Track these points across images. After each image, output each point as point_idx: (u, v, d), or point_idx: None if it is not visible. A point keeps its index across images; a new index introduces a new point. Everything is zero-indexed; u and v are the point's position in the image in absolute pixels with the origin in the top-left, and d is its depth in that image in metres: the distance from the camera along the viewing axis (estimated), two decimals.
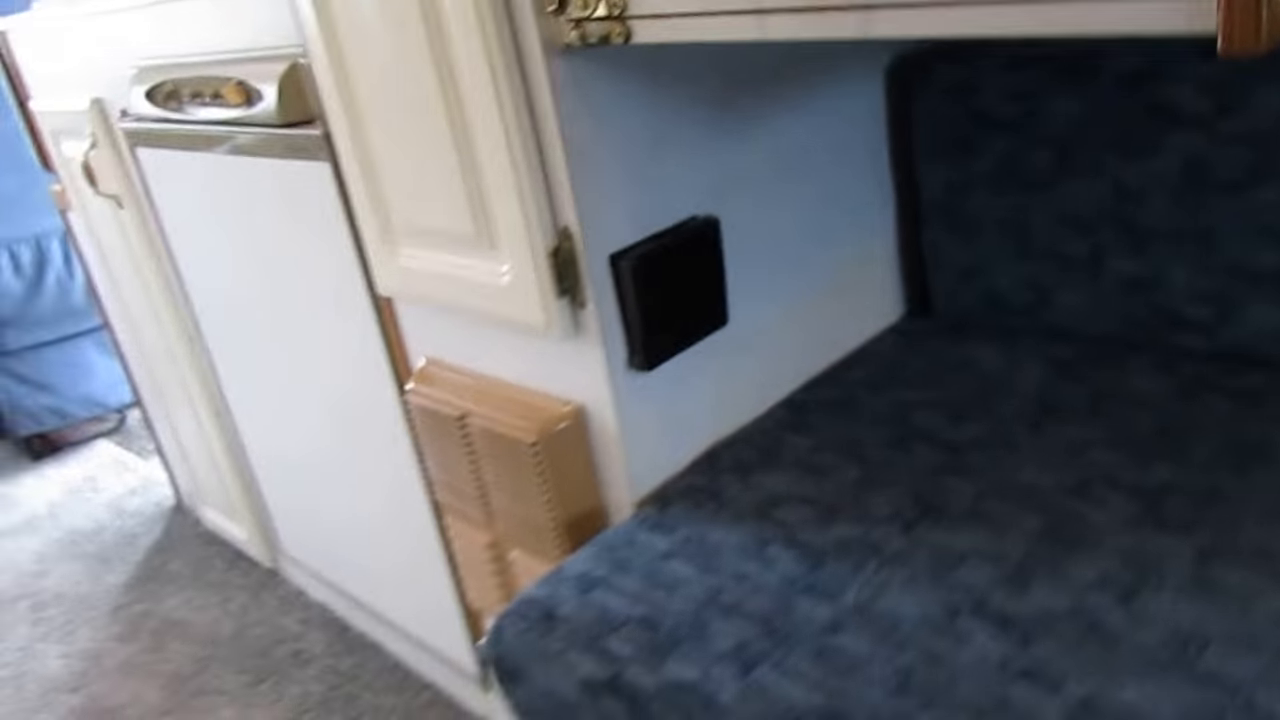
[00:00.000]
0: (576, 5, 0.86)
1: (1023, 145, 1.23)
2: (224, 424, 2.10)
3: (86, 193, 2.05)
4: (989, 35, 0.64)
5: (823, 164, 1.24)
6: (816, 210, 1.25)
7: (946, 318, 1.37)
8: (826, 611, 0.88)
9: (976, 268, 1.31)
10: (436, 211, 1.09)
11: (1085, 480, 0.99)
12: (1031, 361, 1.23)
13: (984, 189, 1.25)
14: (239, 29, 1.38)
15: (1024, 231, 1.25)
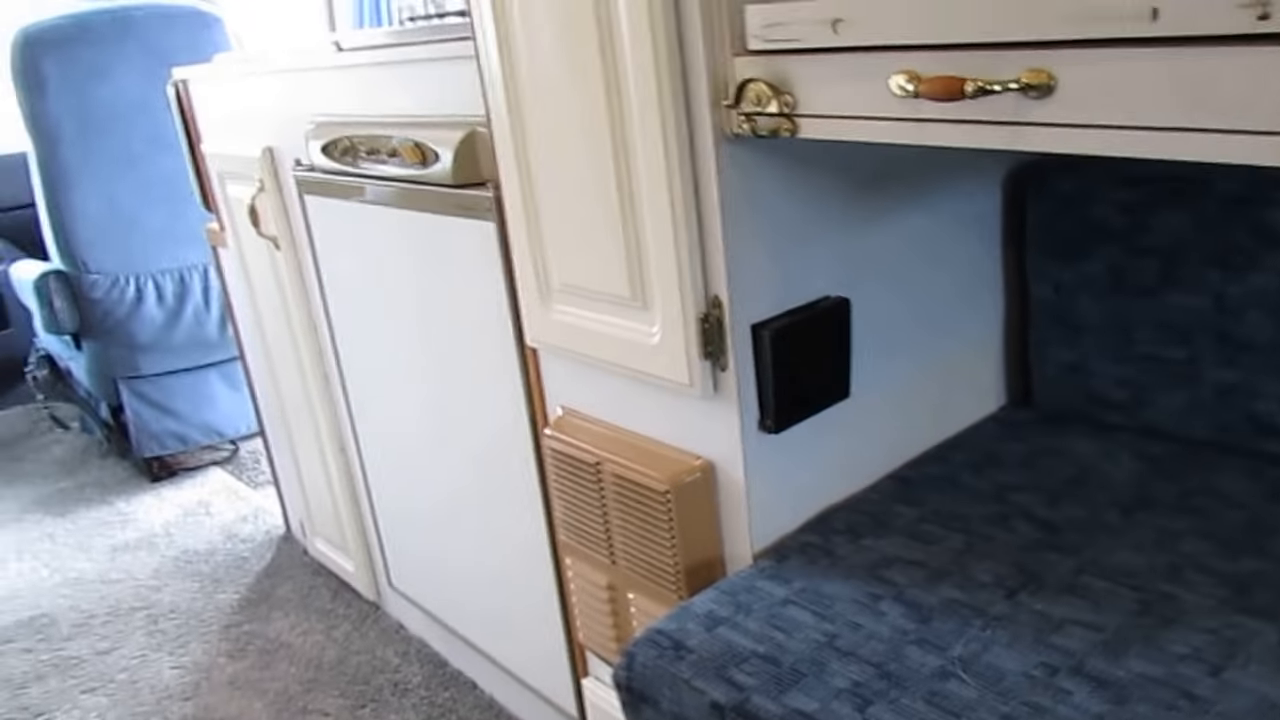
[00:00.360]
0: (750, 100, 0.99)
1: (1130, 254, 1.31)
2: (347, 460, 2.25)
3: (246, 233, 2.24)
4: (1118, 155, 0.75)
5: (942, 257, 1.35)
6: (933, 299, 1.35)
7: (1046, 409, 1.45)
8: (935, 661, 0.96)
9: (1079, 365, 1.39)
10: (595, 273, 1.22)
11: (1176, 565, 1.06)
12: (1126, 456, 1.30)
13: (1091, 292, 1.34)
14: (419, 96, 1.55)
15: (1126, 335, 1.34)
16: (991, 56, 0.79)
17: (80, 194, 3.00)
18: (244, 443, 3.49)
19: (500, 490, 1.68)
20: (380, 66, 1.64)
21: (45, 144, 2.96)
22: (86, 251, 3.05)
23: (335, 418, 2.22)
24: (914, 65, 0.84)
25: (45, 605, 2.66)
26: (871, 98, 0.89)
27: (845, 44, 0.89)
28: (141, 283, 3.12)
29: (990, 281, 1.44)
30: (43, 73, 2.89)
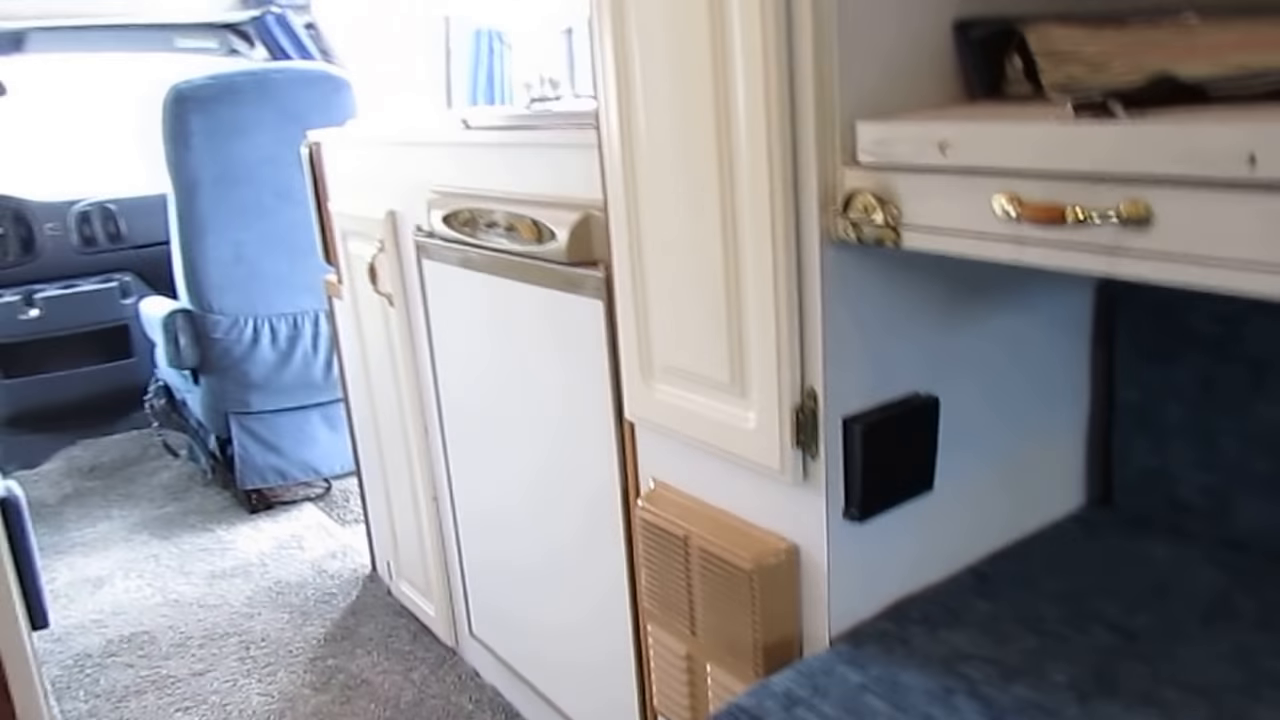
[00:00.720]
0: (857, 209, 1.04)
1: (1220, 362, 1.31)
2: (439, 508, 2.32)
3: (362, 287, 2.34)
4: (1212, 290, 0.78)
5: (1030, 356, 1.36)
6: (1019, 396, 1.36)
7: (1127, 512, 1.45)
8: None
9: (1162, 470, 1.39)
10: (697, 357, 1.27)
11: (1254, 681, 1.06)
12: (1207, 565, 1.30)
13: (1178, 398, 1.35)
14: (539, 176, 1.63)
15: (1212, 442, 1.33)
16: (1092, 187, 0.83)
17: (211, 239, 3.16)
18: (337, 481, 3.59)
19: (587, 553, 1.72)
20: (504, 147, 1.73)
21: (184, 192, 3.13)
22: (212, 293, 3.20)
23: (431, 467, 2.29)
24: (1017, 189, 0.88)
25: (147, 623, 2.77)
26: (974, 216, 0.93)
27: (951, 165, 0.93)
28: (259, 324, 3.26)
29: (1076, 381, 1.45)
30: (189, 127, 3.07)
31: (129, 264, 4.05)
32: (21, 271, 3.89)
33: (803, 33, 1.03)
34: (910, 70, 1.07)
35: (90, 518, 3.50)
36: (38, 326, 3.86)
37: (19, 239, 3.89)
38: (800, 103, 1.05)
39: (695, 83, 1.14)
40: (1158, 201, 0.79)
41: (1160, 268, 0.81)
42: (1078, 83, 0.92)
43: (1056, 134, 0.85)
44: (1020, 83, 1.02)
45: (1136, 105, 0.81)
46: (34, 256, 3.92)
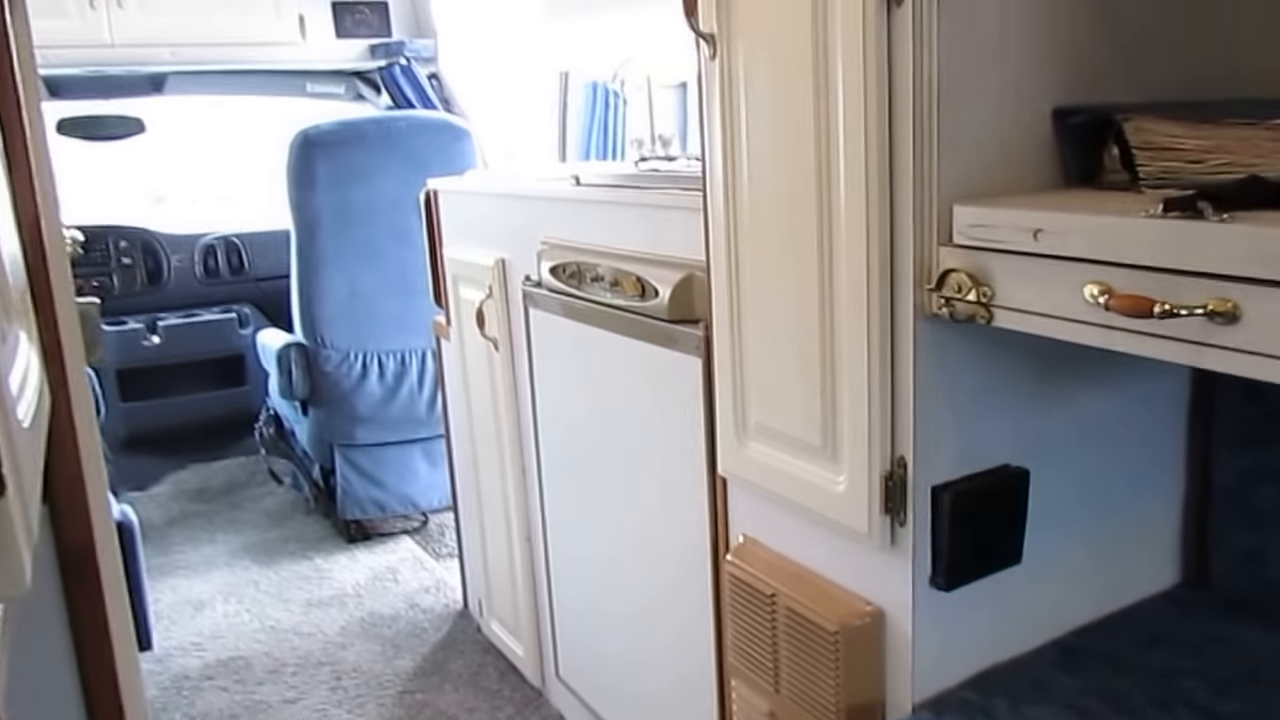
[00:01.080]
0: (951, 286, 1.08)
1: None
2: (532, 549, 2.39)
3: (469, 330, 2.44)
4: None
5: (1123, 433, 1.38)
6: (1112, 473, 1.38)
7: (1222, 593, 1.44)
8: None
9: (1259, 553, 1.38)
10: (790, 419, 1.32)
11: None
12: None
13: (1276, 482, 1.34)
14: (644, 234, 1.70)
15: None
16: (1180, 281, 0.86)
17: (329, 277, 3.33)
18: (434, 516, 3.70)
19: (675, 603, 1.77)
20: (612, 204, 1.81)
21: (306, 231, 3.31)
22: (326, 327, 3.36)
23: (526, 509, 2.37)
24: (1106, 278, 0.92)
25: (244, 648, 2.89)
26: (1064, 301, 0.97)
27: (1044, 251, 0.98)
28: (368, 360, 3.40)
29: (1171, 460, 1.45)
30: (315, 171, 3.24)
31: (248, 296, 4.26)
32: (147, 300, 4.12)
33: (903, 117, 1.08)
34: (1008, 155, 1.12)
35: (195, 541, 3.66)
36: (158, 353, 4.08)
37: (146, 269, 4.13)
38: (899, 183, 1.11)
39: (799, 156, 1.21)
40: (1245, 300, 0.83)
41: (1248, 363, 0.84)
42: (1174, 176, 0.95)
43: (1147, 229, 0.89)
44: (1116, 171, 1.06)
45: (1227, 205, 0.85)
46: (160, 286, 4.15)
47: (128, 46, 3.60)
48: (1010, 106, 1.11)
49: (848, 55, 1.12)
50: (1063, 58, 1.13)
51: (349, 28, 3.94)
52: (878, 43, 1.08)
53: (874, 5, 1.07)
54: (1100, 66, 1.15)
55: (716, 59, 1.32)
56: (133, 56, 3.66)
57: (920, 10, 1.05)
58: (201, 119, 4.69)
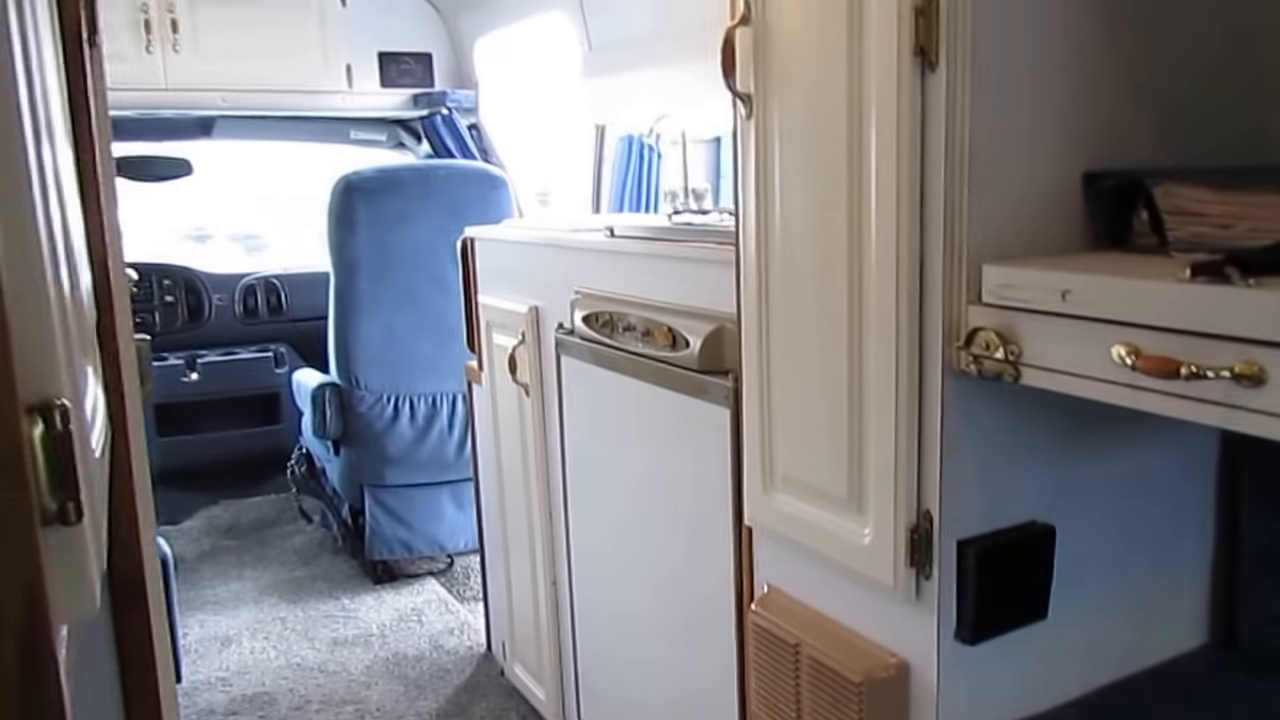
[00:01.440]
0: (979, 344, 1.10)
1: None
2: (557, 594, 2.39)
3: (501, 376, 2.47)
4: None
5: (1151, 492, 1.37)
6: (1139, 531, 1.37)
7: (1251, 655, 1.43)
8: None
9: None
10: (817, 470, 1.33)
11: None
12: None
13: None
14: (676, 286, 1.72)
15: None
16: (1207, 344, 0.87)
17: (366, 319, 3.37)
18: (459, 558, 3.71)
19: (700, 651, 1.77)
20: (646, 256, 1.83)
21: (345, 274, 3.36)
22: (361, 369, 3.40)
23: (553, 553, 2.38)
24: (1135, 339, 0.93)
25: (269, 684, 2.90)
26: (1092, 361, 0.98)
27: (1072, 312, 0.99)
28: (400, 402, 3.44)
29: (1200, 521, 1.44)
30: (356, 216, 3.30)
31: (285, 335, 4.32)
32: (187, 337, 4.19)
33: (935, 177, 1.10)
34: (1037, 216, 1.13)
35: (224, 576, 3.69)
36: (196, 389, 4.13)
37: (189, 307, 4.20)
38: (929, 242, 1.12)
39: (831, 214, 1.23)
40: (1271, 364, 0.83)
41: (1274, 425, 0.84)
42: (1202, 240, 0.96)
43: (1175, 292, 0.90)
44: (1146, 235, 1.07)
45: (1254, 270, 0.85)
46: (200, 324, 4.22)
47: (181, 90, 3.69)
48: (1041, 170, 1.13)
49: (882, 117, 1.14)
50: (1093, 123, 1.15)
51: (394, 77, 4.03)
52: (912, 106, 1.10)
53: (909, 69, 1.10)
54: (1130, 132, 1.17)
55: (752, 118, 1.34)
56: (185, 100, 3.75)
57: (954, 75, 1.07)
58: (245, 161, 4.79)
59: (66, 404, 0.58)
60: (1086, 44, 1.14)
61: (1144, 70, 1.19)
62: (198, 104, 3.82)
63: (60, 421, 0.57)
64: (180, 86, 3.68)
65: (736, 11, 1.34)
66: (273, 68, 3.79)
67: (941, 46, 1.08)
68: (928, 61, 1.09)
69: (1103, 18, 1.15)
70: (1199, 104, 1.22)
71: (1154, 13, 1.18)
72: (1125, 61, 1.17)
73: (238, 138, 4.19)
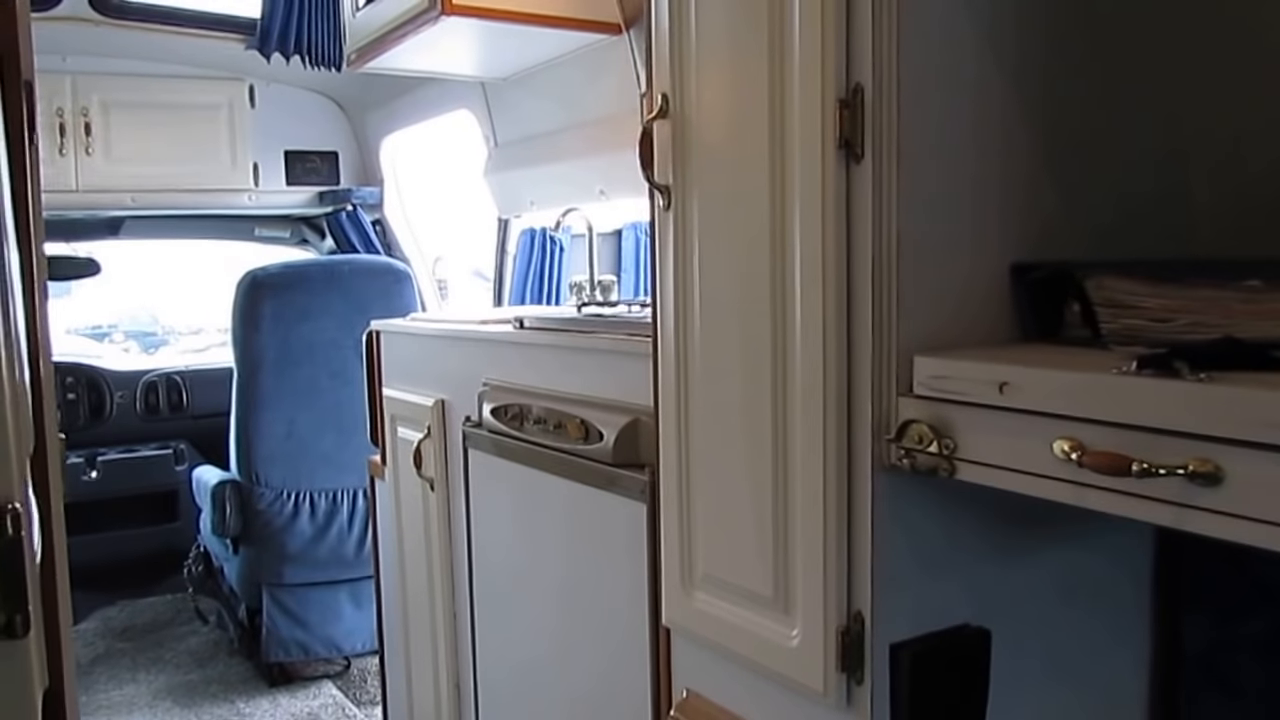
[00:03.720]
0: (911, 438, 1.01)
1: None
2: (461, 698, 2.21)
3: (406, 470, 2.31)
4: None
5: (1089, 595, 1.28)
6: (1077, 637, 1.27)
7: None
8: None
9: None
10: (741, 569, 1.21)
11: None
12: None
13: (1251, 653, 1.25)
14: (589, 379, 1.62)
15: None
16: (1158, 440, 0.80)
17: (268, 415, 3.18)
18: (357, 660, 3.47)
19: None
20: (556, 348, 1.72)
21: (249, 369, 3.17)
22: (261, 465, 3.19)
23: (457, 654, 2.20)
24: (1078, 434, 0.85)
25: None
26: (1032, 456, 0.89)
27: (1011, 405, 0.90)
28: (300, 498, 3.23)
29: (1139, 627, 1.35)
30: (261, 311, 3.13)
31: (185, 432, 4.07)
32: (88, 435, 3.90)
33: (862, 268, 1.02)
34: (967, 309, 1.06)
35: (117, 680, 3.39)
36: (95, 488, 3.85)
37: (90, 404, 3.93)
38: (857, 333, 1.04)
39: (754, 306, 1.14)
40: (1228, 462, 0.76)
41: (1231, 527, 0.76)
42: (1139, 333, 0.90)
43: (1122, 386, 0.82)
44: (1077, 328, 1.00)
45: (1202, 365, 0.79)
46: (101, 422, 3.94)
47: (92, 192, 3.54)
48: (969, 261, 1.06)
49: (806, 209, 1.06)
50: (1022, 212, 1.08)
51: (299, 175, 3.90)
52: (837, 198, 1.03)
53: (833, 163, 1.02)
54: (1060, 225, 1.11)
55: (671, 209, 1.26)
56: (95, 201, 3.60)
57: (880, 167, 1.00)
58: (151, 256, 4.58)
59: (18, 508, 0.52)
60: (1017, 140, 1.09)
61: (1077, 172, 1.14)
62: (107, 204, 3.67)
63: (12, 527, 0.52)
64: (91, 188, 3.55)
65: (654, 105, 1.26)
66: (182, 168, 3.68)
67: (867, 138, 1.01)
68: (853, 154, 1.02)
69: (1036, 117, 1.10)
70: (1132, 199, 1.17)
71: (1088, 123, 1.14)
72: (1058, 161, 1.12)
73: (145, 237, 4.01)
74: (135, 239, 3.97)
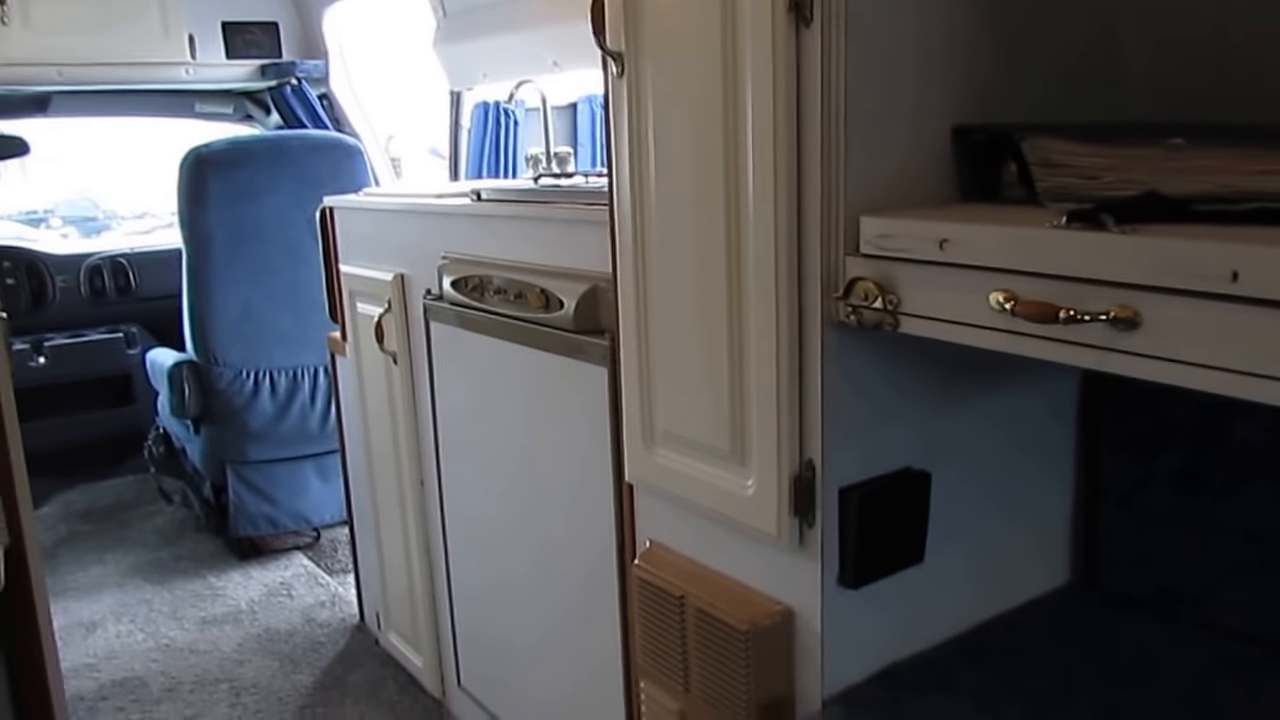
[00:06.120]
0: (858, 295, 1.07)
1: (1207, 454, 1.31)
2: (431, 561, 2.31)
3: (367, 346, 2.35)
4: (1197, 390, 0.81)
5: (1020, 438, 1.38)
6: (1008, 476, 1.38)
7: (1111, 592, 1.45)
8: None
9: (1147, 554, 1.40)
10: (699, 425, 1.29)
11: None
12: (1191, 648, 1.29)
13: (1164, 486, 1.35)
14: (548, 248, 1.66)
15: (1197, 530, 1.33)
16: (1084, 289, 0.86)
17: (220, 295, 3.17)
18: (326, 531, 3.56)
19: (583, 610, 1.72)
20: (515, 219, 1.76)
21: (198, 249, 3.15)
22: (218, 346, 3.20)
23: (425, 521, 2.29)
24: (1011, 286, 0.92)
25: (138, 668, 2.72)
26: (970, 308, 0.96)
27: (950, 260, 0.97)
28: (260, 377, 3.26)
29: (1064, 464, 1.46)
30: (207, 189, 3.09)
31: (136, 315, 4.05)
32: (32, 322, 3.87)
33: (811, 132, 1.07)
34: (910, 171, 1.11)
35: (83, 562, 3.45)
36: (45, 374, 3.84)
37: (31, 290, 3.88)
38: (807, 195, 1.09)
39: (708, 170, 1.18)
40: (1146, 307, 0.83)
41: (1148, 367, 0.84)
42: (1070, 191, 0.95)
43: (1052, 239, 0.88)
44: (1014, 187, 1.06)
45: (1126, 218, 0.85)
46: (45, 308, 3.90)
47: (13, 66, 3.39)
48: (913, 125, 1.10)
49: (757, 73, 1.09)
50: (963, 79, 1.13)
51: (239, 48, 3.79)
52: (787, 61, 1.06)
53: (783, 26, 1.05)
54: (999, 89, 1.16)
55: (624, 76, 1.28)
56: (18, 76, 3.46)
57: (829, 31, 1.03)
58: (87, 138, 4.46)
59: None
60: (960, 8, 1.12)
61: (1017, 41, 1.17)
62: (32, 79, 3.52)
63: None
64: (12, 61, 3.37)
65: None
66: (111, 40, 3.51)
67: (816, 2, 1.04)
68: (802, 17, 1.05)
69: None
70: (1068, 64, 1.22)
71: None
72: (999, 30, 1.15)
73: (76, 114, 3.89)
74: (66, 116, 3.83)
